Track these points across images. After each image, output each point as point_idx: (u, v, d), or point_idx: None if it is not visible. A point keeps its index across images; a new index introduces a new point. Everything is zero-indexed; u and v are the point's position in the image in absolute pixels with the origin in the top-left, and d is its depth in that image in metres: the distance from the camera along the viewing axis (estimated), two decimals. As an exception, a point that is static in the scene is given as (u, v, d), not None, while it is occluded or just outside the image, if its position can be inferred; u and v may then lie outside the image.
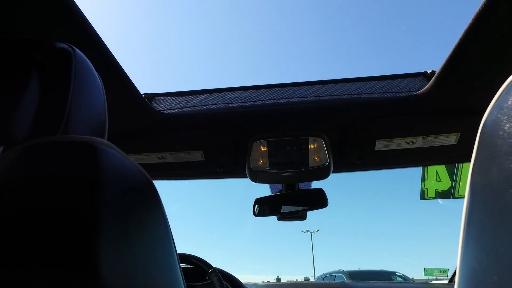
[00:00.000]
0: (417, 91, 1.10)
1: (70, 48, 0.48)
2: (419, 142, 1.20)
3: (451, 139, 1.19)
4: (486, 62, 0.91)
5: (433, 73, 1.09)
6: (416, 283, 3.50)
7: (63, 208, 0.31)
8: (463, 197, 0.34)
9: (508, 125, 0.28)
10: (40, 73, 0.45)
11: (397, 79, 1.18)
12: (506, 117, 0.28)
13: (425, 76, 1.14)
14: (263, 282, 3.32)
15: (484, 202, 0.30)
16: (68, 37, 0.74)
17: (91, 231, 0.30)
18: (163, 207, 0.44)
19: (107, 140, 0.42)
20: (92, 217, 0.31)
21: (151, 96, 1.20)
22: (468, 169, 0.34)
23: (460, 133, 1.16)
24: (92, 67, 0.51)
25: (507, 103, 0.29)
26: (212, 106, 1.19)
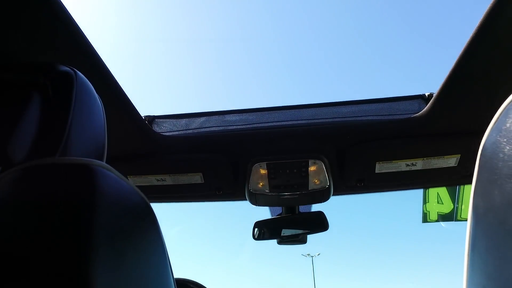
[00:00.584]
0: (416, 113, 1.11)
1: (72, 71, 0.48)
2: (419, 164, 1.20)
3: (451, 161, 1.19)
4: (483, 84, 0.92)
5: (431, 95, 1.10)
6: None
7: (58, 231, 0.31)
8: (466, 219, 0.34)
9: (508, 148, 0.28)
10: (42, 95, 0.46)
11: (395, 102, 1.19)
12: (505, 140, 0.28)
13: (423, 98, 1.15)
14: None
15: (488, 226, 0.29)
16: (70, 59, 0.75)
17: (85, 255, 0.30)
18: (160, 230, 0.43)
19: (106, 162, 0.42)
20: (86, 241, 0.30)
21: (152, 119, 1.21)
22: (469, 191, 0.34)
23: (460, 154, 1.16)
24: (93, 89, 0.52)
25: (506, 126, 0.29)
26: (212, 129, 1.20)
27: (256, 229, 1.42)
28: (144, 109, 1.09)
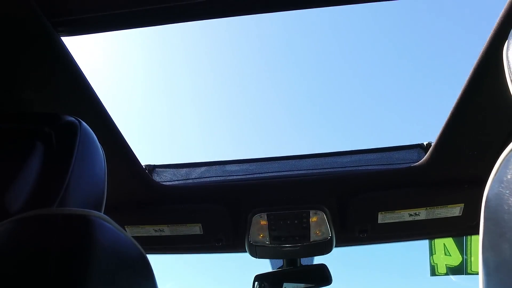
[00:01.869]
0: (416, 162, 1.11)
1: (76, 121, 0.50)
2: (422, 214, 1.17)
3: (455, 211, 1.16)
4: (481, 131, 0.93)
5: (429, 144, 1.11)
6: None
7: (52, 283, 0.30)
8: (477, 273, 0.32)
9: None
10: (45, 144, 0.46)
11: (394, 151, 1.20)
12: (508, 191, 0.28)
13: (421, 147, 1.16)
14: None
15: (501, 282, 0.28)
16: (75, 108, 0.77)
17: None
18: (156, 284, 0.41)
19: (105, 211, 0.42)
20: None
21: (152, 168, 1.21)
22: (477, 241, 0.33)
23: (464, 204, 1.14)
24: (96, 139, 0.53)
25: (507, 177, 0.29)
26: (212, 179, 1.20)
27: (256, 283, 1.35)
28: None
